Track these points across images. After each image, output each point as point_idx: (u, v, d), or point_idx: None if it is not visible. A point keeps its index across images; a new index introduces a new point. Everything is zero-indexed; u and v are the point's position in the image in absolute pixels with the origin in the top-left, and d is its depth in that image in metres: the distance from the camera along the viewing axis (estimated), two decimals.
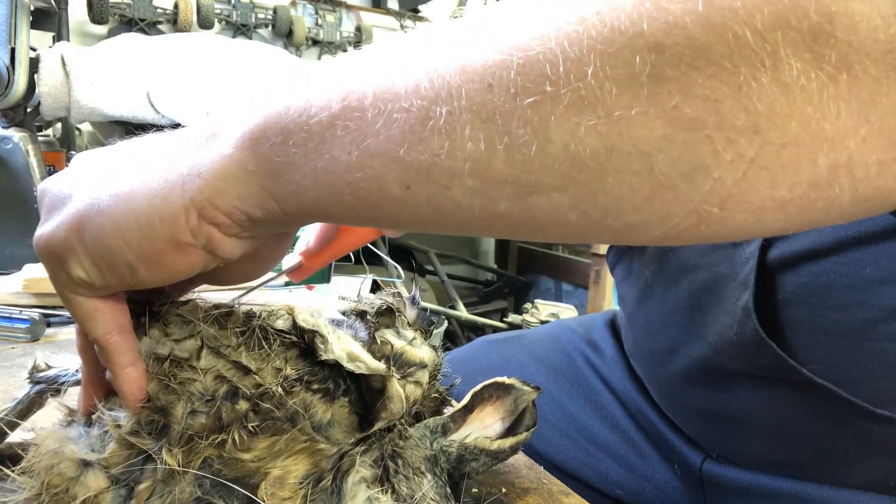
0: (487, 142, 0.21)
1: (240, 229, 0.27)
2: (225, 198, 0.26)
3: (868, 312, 0.42)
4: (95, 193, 0.27)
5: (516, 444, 0.38)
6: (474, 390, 0.39)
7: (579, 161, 0.20)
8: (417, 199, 0.23)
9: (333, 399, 0.34)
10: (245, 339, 0.32)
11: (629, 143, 0.20)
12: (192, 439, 0.29)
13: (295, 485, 0.30)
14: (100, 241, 0.27)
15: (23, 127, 0.97)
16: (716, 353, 0.48)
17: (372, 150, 0.22)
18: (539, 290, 2.65)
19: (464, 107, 0.21)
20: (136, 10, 2.06)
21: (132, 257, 0.27)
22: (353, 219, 0.25)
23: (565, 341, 0.72)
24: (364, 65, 0.24)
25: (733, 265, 0.48)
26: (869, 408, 0.42)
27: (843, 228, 0.44)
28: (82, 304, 0.29)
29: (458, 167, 0.21)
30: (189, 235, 0.26)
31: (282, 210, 0.26)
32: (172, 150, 0.28)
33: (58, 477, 0.27)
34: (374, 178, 0.23)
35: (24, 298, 0.74)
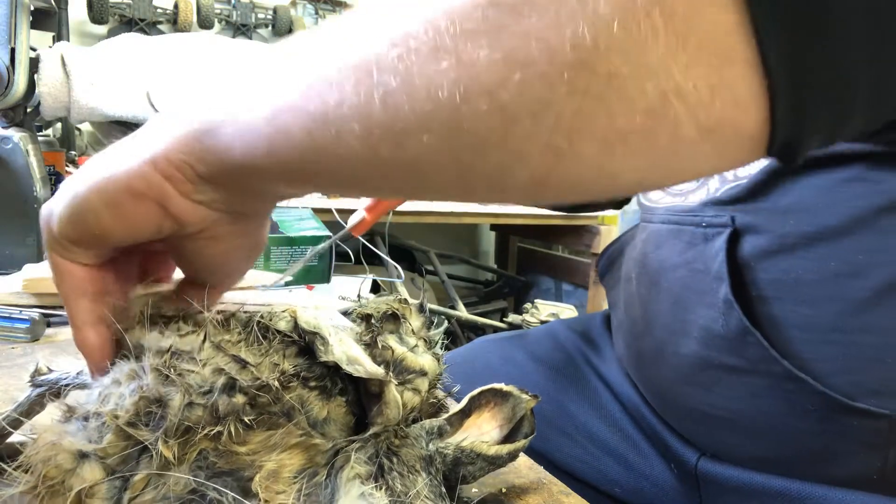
0: (366, 92, 0.24)
1: (190, 187, 0.30)
2: (174, 152, 0.30)
3: (836, 306, 0.43)
4: (83, 172, 0.32)
5: (513, 452, 0.38)
6: (471, 394, 0.39)
7: (439, 103, 0.23)
8: (318, 146, 0.26)
9: (330, 397, 0.34)
10: (246, 335, 0.33)
11: (476, 83, 0.22)
12: (189, 431, 0.29)
13: (289, 479, 0.30)
14: (77, 195, 0.31)
15: (23, 127, 0.97)
16: (703, 348, 0.49)
17: (281, 104, 0.27)
18: (539, 290, 2.65)
19: (349, 63, 0.25)
20: (136, 10, 2.06)
21: (98, 204, 0.31)
22: (275, 173, 0.29)
23: (564, 340, 0.73)
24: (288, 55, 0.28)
25: (706, 260, 0.49)
26: (845, 401, 0.42)
27: (807, 224, 0.45)
28: (59, 264, 0.33)
29: (346, 114, 0.25)
30: (144, 184, 0.30)
31: (219, 164, 0.29)
32: (140, 132, 0.32)
33: (54, 469, 0.28)
34: (284, 129, 0.26)
35: (24, 298, 0.74)
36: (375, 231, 1.92)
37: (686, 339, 0.50)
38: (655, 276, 0.54)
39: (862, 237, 0.43)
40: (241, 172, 0.29)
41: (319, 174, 0.28)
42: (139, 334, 0.33)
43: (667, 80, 0.21)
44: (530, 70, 0.22)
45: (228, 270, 0.37)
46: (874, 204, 0.43)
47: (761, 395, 0.46)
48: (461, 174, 0.25)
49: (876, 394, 0.42)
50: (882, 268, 0.42)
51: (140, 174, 0.30)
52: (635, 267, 0.58)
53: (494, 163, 0.24)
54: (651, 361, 0.56)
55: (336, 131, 0.25)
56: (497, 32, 0.22)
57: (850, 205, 0.44)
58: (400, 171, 0.26)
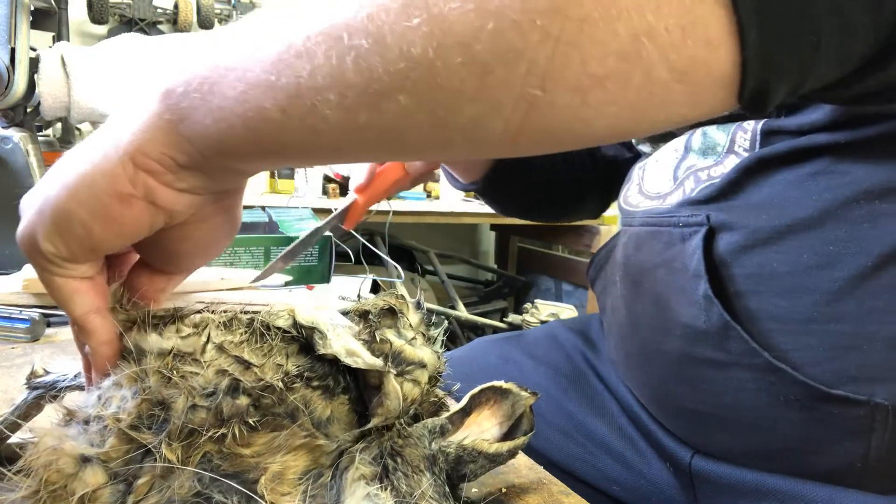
0: (338, 57, 0.24)
1: (172, 177, 0.30)
2: (151, 145, 0.29)
3: (811, 296, 0.44)
4: (52, 179, 0.31)
5: (514, 449, 0.38)
6: (472, 393, 0.39)
7: (412, 59, 0.23)
8: (294, 122, 0.26)
9: (333, 396, 0.34)
10: (248, 336, 0.33)
11: (450, 36, 0.22)
12: (192, 434, 0.29)
13: (294, 480, 0.30)
14: (57, 209, 0.30)
15: (23, 127, 0.97)
16: (687, 345, 0.49)
17: (251, 82, 0.26)
18: (539, 290, 2.65)
19: (317, 31, 0.24)
20: (136, 10, 2.06)
21: (85, 216, 0.30)
22: (252, 152, 0.28)
23: (563, 340, 0.73)
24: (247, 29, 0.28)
25: (684, 259, 0.49)
26: (825, 389, 0.43)
27: (778, 219, 0.45)
28: (62, 286, 0.32)
29: (319, 84, 0.24)
30: (129, 185, 0.29)
31: (197, 151, 0.29)
32: (110, 126, 0.31)
33: (56, 474, 0.27)
34: (257, 108, 0.26)
35: (24, 298, 0.74)
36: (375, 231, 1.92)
37: (670, 338, 0.51)
38: (637, 277, 0.55)
39: (832, 229, 0.44)
40: (219, 156, 0.29)
41: (298, 147, 0.28)
42: (138, 336, 0.33)
43: (639, 22, 0.21)
44: (503, 19, 0.21)
45: (211, 249, 0.36)
46: (841, 195, 0.44)
47: (745, 388, 0.47)
48: (437, 130, 0.25)
49: (854, 380, 0.42)
50: (853, 257, 0.43)
51: (122, 175, 0.29)
52: (618, 270, 0.59)
53: (470, 115, 0.24)
54: (639, 362, 0.56)
55: (311, 103, 0.25)
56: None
57: (818, 197, 0.45)
58: (378, 134, 0.26)
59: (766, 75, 0.23)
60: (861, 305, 0.42)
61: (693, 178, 0.54)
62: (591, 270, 0.73)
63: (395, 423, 0.34)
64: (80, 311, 0.32)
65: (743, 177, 0.49)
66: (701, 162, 0.54)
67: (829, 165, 0.45)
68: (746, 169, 0.49)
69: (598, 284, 0.69)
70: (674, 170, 0.57)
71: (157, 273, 0.36)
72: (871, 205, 0.43)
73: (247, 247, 0.97)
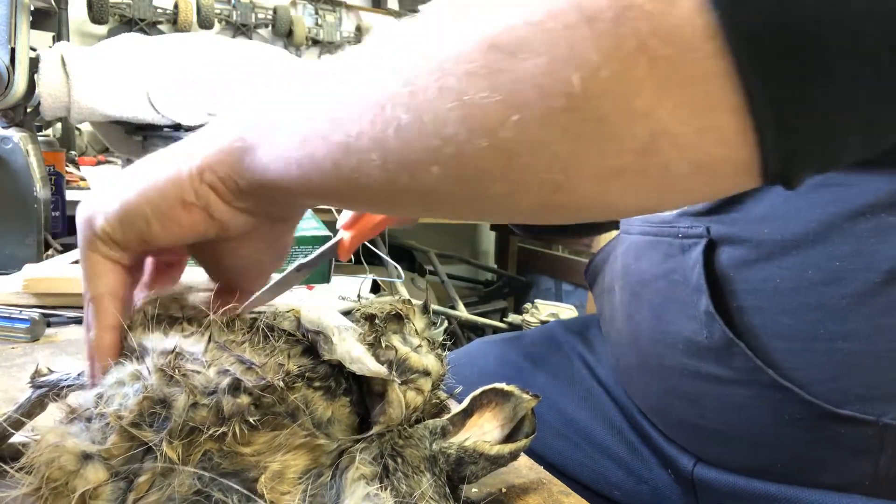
0: (382, 125, 0.26)
1: (232, 196, 0.33)
2: (220, 165, 0.32)
3: (816, 314, 0.43)
4: (128, 178, 0.35)
5: (515, 451, 0.38)
6: (473, 395, 0.39)
7: (445, 138, 0.25)
8: (342, 174, 0.28)
9: (334, 397, 0.34)
10: (250, 336, 0.33)
11: (478, 122, 0.24)
12: (193, 432, 0.29)
13: (294, 479, 0.30)
14: (127, 202, 0.34)
15: (23, 127, 0.97)
16: (689, 359, 0.49)
17: (308, 133, 0.29)
18: (539, 290, 2.65)
19: (366, 97, 0.27)
20: (136, 10, 2.06)
21: (149, 213, 0.33)
22: (303, 193, 0.31)
23: (562, 342, 0.73)
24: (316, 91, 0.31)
25: (685, 272, 0.49)
26: (831, 408, 0.42)
27: (781, 232, 0.45)
28: (97, 263, 0.35)
29: (365, 146, 0.27)
30: (193, 195, 0.33)
31: (256, 181, 0.32)
32: (188, 141, 0.35)
33: (58, 471, 0.27)
34: (311, 156, 0.29)
35: (24, 298, 0.74)
36: None
37: (671, 351, 0.50)
38: (637, 287, 0.54)
39: (836, 244, 0.43)
40: (274, 189, 0.32)
41: (345, 195, 0.31)
42: (142, 335, 0.33)
43: (655, 123, 0.22)
44: (527, 112, 0.23)
45: (260, 270, 0.39)
46: (847, 208, 0.43)
47: (749, 405, 0.46)
48: (470, 200, 0.27)
49: (861, 400, 0.42)
50: (860, 273, 0.42)
51: (190, 186, 0.33)
52: (617, 279, 0.59)
53: (498, 193, 0.26)
54: (639, 373, 0.56)
55: (357, 160, 0.27)
56: (496, 75, 0.23)
57: (823, 210, 0.44)
58: (416, 196, 0.28)
59: (786, 167, 0.23)
60: (868, 323, 0.41)
61: None
62: (588, 274, 0.73)
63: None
64: (99, 290, 0.35)
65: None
66: None
67: (832, 177, 0.44)
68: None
69: (596, 289, 0.69)
70: None
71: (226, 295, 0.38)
72: (878, 218, 0.42)
73: None
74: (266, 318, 0.34)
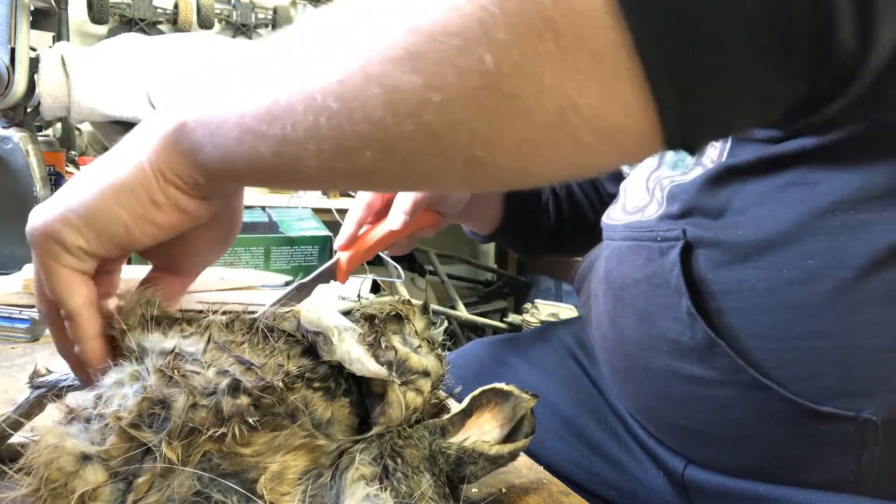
0: (314, 115, 0.27)
1: (195, 190, 0.34)
2: (175, 166, 0.34)
3: (792, 313, 0.43)
4: (82, 183, 0.35)
5: (515, 451, 0.38)
6: (473, 395, 0.39)
7: (374, 123, 0.26)
8: (283, 163, 0.30)
9: (334, 398, 0.34)
10: (250, 337, 0.33)
11: (402, 106, 0.26)
12: (193, 433, 0.29)
13: (294, 480, 0.30)
14: (97, 209, 0.34)
15: (23, 127, 0.97)
16: (674, 361, 0.49)
17: (246, 128, 0.30)
18: (539, 289, 2.65)
19: (298, 89, 0.28)
20: (136, 10, 2.06)
21: (126, 217, 0.34)
22: (254, 180, 0.33)
23: (557, 343, 0.73)
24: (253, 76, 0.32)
25: (664, 275, 0.49)
26: (810, 405, 0.42)
27: (754, 233, 0.45)
28: (67, 276, 0.34)
29: (301, 137, 0.28)
30: (162, 196, 0.34)
31: (212, 174, 0.33)
32: (133, 142, 0.35)
33: (57, 472, 0.27)
34: (252, 149, 0.30)
35: (24, 298, 0.74)
36: None
37: (656, 354, 0.50)
38: (619, 292, 0.55)
39: (808, 242, 0.43)
40: (227, 180, 0.34)
41: (290, 181, 0.32)
42: (140, 336, 0.33)
43: (562, 98, 0.24)
44: (447, 92, 0.25)
45: (215, 250, 0.41)
46: (816, 207, 0.43)
47: (732, 405, 0.46)
48: (401, 177, 0.30)
49: (840, 396, 0.42)
50: (832, 271, 0.42)
51: (156, 186, 0.34)
52: (601, 284, 0.59)
53: (427, 170, 0.28)
54: (626, 377, 0.56)
55: (296, 150, 0.29)
56: (417, 59, 0.25)
57: (793, 210, 0.44)
58: (352, 177, 0.30)
59: (688, 132, 0.25)
60: (844, 319, 0.42)
61: (659, 187, 0.54)
62: (575, 281, 0.73)
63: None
64: (75, 303, 0.35)
65: (709, 188, 0.49)
66: (669, 172, 0.54)
67: (801, 176, 0.44)
68: (712, 179, 0.48)
69: (582, 296, 0.69)
70: (646, 181, 0.57)
71: (170, 277, 0.40)
72: (847, 215, 0.42)
73: (247, 247, 0.97)
74: (266, 318, 0.34)
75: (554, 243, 0.83)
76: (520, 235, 0.81)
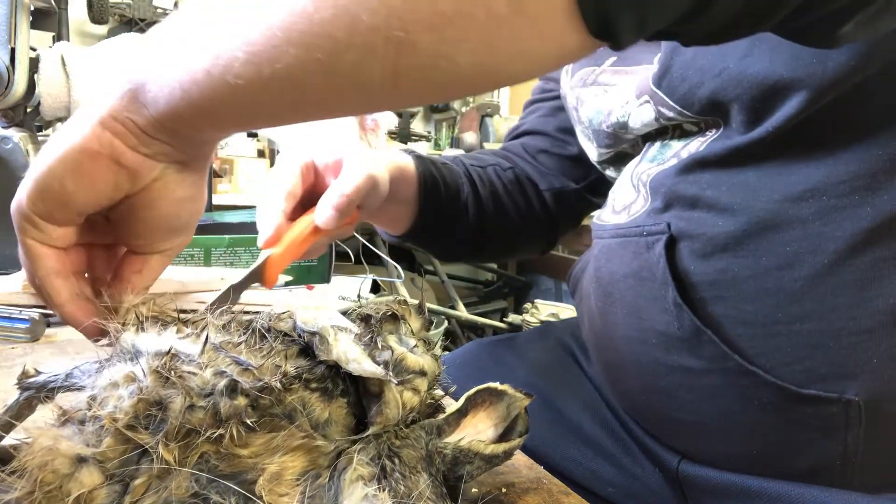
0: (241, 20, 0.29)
1: (136, 140, 0.34)
2: (116, 110, 0.34)
3: (774, 298, 0.44)
4: (43, 151, 0.35)
5: (509, 450, 0.38)
6: (468, 394, 0.40)
7: (296, 13, 0.27)
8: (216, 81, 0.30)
9: (331, 398, 0.34)
10: (246, 338, 0.33)
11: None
12: (190, 434, 0.29)
13: (292, 481, 0.30)
14: (39, 169, 0.34)
15: (23, 127, 0.97)
16: (663, 353, 0.50)
17: (182, 51, 0.31)
18: (539, 289, 2.65)
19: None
20: (136, 10, 2.06)
21: (59, 170, 0.34)
22: (192, 115, 0.33)
23: (555, 342, 0.73)
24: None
25: (651, 268, 0.50)
26: (796, 389, 0.43)
27: (731, 224, 0.46)
28: (32, 248, 0.36)
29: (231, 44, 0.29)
30: (97, 143, 0.33)
31: (151, 115, 0.33)
32: (88, 105, 0.35)
33: (51, 474, 0.27)
34: (186, 70, 0.31)
35: (24, 298, 0.74)
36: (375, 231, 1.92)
37: (645, 347, 0.51)
38: (608, 288, 0.55)
39: (785, 229, 0.44)
40: (170, 121, 0.33)
41: (225, 106, 0.32)
42: (135, 336, 0.33)
43: None
44: None
45: (175, 226, 0.39)
46: (789, 195, 0.44)
47: (720, 394, 0.47)
48: (327, 78, 0.29)
49: (823, 378, 0.43)
50: (810, 256, 0.43)
51: (93, 135, 0.33)
52: (591, 282, 0.59)
53: (350, 61, 0.28)
54: (617, 374, 0.57)
55: (224, 62, 0.29)
56: None
57: (766, 199, 0.45)
58: (281, 85, 0.30)
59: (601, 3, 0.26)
60: (823, 303, 0.43)
61: (641, 182, 0.54)
62: (570, 283, 0.73)
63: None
64: (42, 272, 0.36)
65: (683, 177, 0.49)
66: (648, 165, 0.55)
67: (772, 166, 0.45)
68: (685, 168, 0.49)
69: (576, 297, 0.70)
70: (630, 178, 0.57)
71: (133, 255, 0.40)
72: (820, 201, 0.43)
73: (247, 247, 0.97)
74: (262, 319, 0.34)
75: (473, 245, 0.76)
76: (434, 236, 0.74)
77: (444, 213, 0.70)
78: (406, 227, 0.71)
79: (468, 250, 0.78)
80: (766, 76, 0.44)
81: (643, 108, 0.54)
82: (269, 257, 0.48)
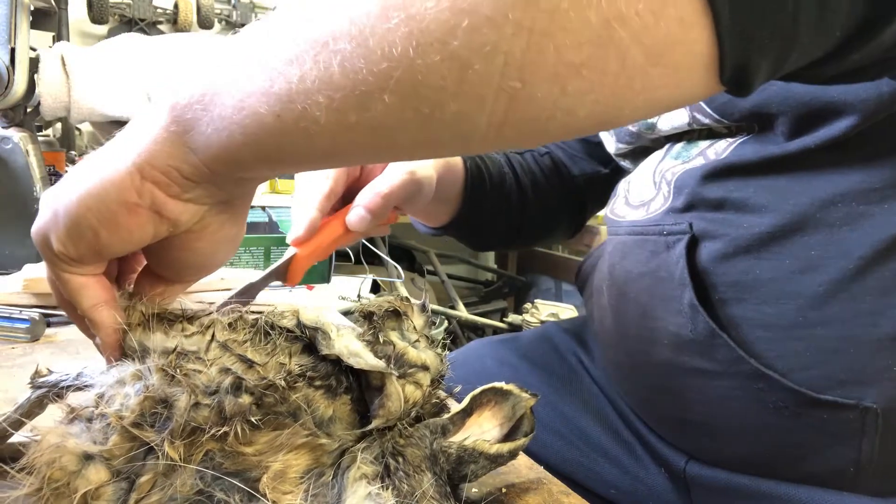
0: (325, 62, 0.25)
1: (178, 189, 0.31)
2: (158, 158, 0.30)
3: (795, 302, 0.44)
4: (67, 184, 0.33)
5: (514, 450, 0.38)
6: (473, 394, 0.39)
7: (394, 59, 0.24)
8: (288, 126, 0.27)
9: (335, 396, 0.34)
10: (251, 336, 0.33)
11: (427, 35, 0.23)
12: (195, 432, 0.29)
13: (296, 479, 0.30)
14: (69, 213, 0.32)
15: (23, 127, 0.97)
16: (674, 354, 0.49)
17: (247, 91, 0.27)
18: (539, 289, 2.65)
19: (305, 37, 0.26)
20: (136, 10, 2.06)
21: (93, 221, 0.31)
22: (252, 159, 0.29)
23: (558, 342, 0.73)
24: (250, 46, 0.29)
25: (669, 268, 0.49)
26: (813, 394, 0.43)
27: (757, 226, 0.46)
28: (70, 281, 0.34)
29: (309, 88, 0.26)
30: (135, 195, 0.31)
31: (201, 162, 0.30)
32: (121, 137, 0.33)
33: (59, 471, 0.27)
34: (253, 114, 0.27)
35: (24, 298, 0.74)
36: None
37: (657, 347, 0.51)
38: (622, 286, 0.55)
39: (810, 233, 0.44)
40: (222, 165, 0.30)
41: (294, 151, 0.29)
42: (142, 335, 0.33)
43: (608, 8, 0.22)
44: (477, 15, 0.22)
45: (211, 262, 0.37)
46: (817, 199, 0.44)
47: (733, 396, 0.46)
48: (424, 128, 0.26)
49: (842, 384, 0.42)
50: (834, 261, 0.43)
51: (129, 186, 0.31)
52: (604, 279, 0.59)
53: (453, 111, 0.25)
54: (627, 372, 0.56)
55: (302, 107, 0.26)
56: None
57: (794, 202, 0.45)
58: (367, 133, 0.26)
59: (744, 50, 0.23)
60: (846, 309, 0.42)
61: (665, 180, 0.54)
62: (578, 279, 0.73)
63: (397, 423, 0.34)
64: (87, 304, 0.34)
65: (711, 181, 0.49)
66: (673, 163, 0.54)
67: (805, 172, 0.45)
68: (714, 173, 0.49)
69: (586, 293, 0.69)
70: (652, 174, 0.57)
71: (158, 279, 0.38)
72: (849, 207, 0.43)
73: (247, 247, 0.98)
74: (266, 316, 0.34)
75: (511, 234, 0.75)
76: (475, 228, 0.72)
77: (487, 206, 0.69)
78: (446, 221, 0.70)
79: (504, 239, 0.77)
80: (814, 97, 0.43)
81: (677, 112, 0.53)
82: (296, 255, 0.47)
